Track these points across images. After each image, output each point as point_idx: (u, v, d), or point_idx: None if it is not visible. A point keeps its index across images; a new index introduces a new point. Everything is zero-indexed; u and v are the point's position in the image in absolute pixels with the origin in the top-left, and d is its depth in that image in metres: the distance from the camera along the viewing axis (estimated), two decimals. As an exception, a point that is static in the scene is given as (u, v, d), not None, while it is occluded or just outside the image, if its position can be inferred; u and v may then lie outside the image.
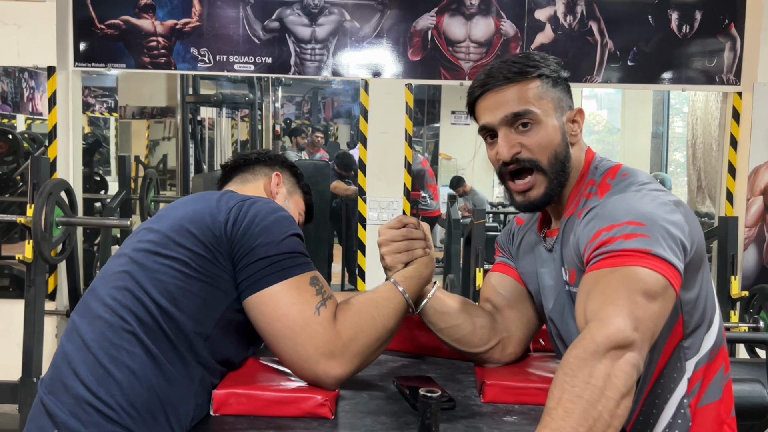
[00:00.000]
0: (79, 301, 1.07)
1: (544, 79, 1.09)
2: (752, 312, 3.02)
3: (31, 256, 2.82)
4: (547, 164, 1.07)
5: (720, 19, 3.24)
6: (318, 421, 0.97)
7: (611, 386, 0.75)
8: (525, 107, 1.07)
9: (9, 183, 3.71)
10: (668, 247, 0.89)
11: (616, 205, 0.96)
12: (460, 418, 1.01)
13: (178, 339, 0.96)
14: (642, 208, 0.94)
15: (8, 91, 3.41)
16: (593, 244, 0.93)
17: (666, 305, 0.87)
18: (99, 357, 0.94)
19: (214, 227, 1.01)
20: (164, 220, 1.06)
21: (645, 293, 0.85)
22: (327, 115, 7.72)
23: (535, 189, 1.08)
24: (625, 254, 0.88)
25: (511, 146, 1.07)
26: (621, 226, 0.91)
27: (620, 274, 0.87)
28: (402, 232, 1.14)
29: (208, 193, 1.12)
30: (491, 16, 3.26)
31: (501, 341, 1.18)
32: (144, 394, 0.92)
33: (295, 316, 0.98)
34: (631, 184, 1.03)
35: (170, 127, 5.98)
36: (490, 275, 1.27)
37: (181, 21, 3.25)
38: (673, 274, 0.88)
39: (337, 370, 0.98)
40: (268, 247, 1.00)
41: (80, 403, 0.92)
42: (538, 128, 1.07)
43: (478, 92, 1.11)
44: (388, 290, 1.10)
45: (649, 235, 0.89)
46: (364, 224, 3.34)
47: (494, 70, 1.10)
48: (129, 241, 1.10)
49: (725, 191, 3.31)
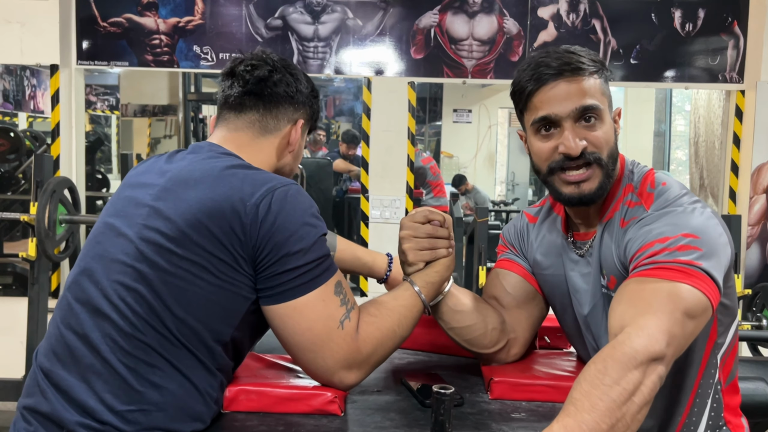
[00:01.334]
0: (72, 276, 0.99)
1: (603, 75, 1.08)
2: (755, 310, 3.02)
3: (34, 253, 2.82)
4: (606, 160, 1.06)
5: (723, 18, 3.24)
6: (327, 418, 0.97)
7: (639, 393, 0.79)
8: (595, 101, 1.05)
9: (11, 181, 3.71)
10: (716, 264, 0.93)
11: (670, 220, 0.98)
12: (468, 415, 1.01)
13: (198, 350, 0.93)
14: (696, 223, 0.97)
15: (10, 90, 3.40)
16: (645, 253, 0.95)
17: (701, 325, 0.91)
18: (114, 364, 0.90)
19: (237, 228, 0.92)
20: (174, 201, 0.96)
21: (686, 312, 0.88)
22: (329, 113, 7.72)
23: (591, 182, 1.06)
24: (676, 268, 0.91)
25: (580, 139, 1.04)
26: (676, 238, 0.94)
27: (667, 287, 0.89)
28: (427, 229, 1.10)
29: (221, 170, 0.98)
30: (494, 14, 3.26)
31: (508, 342, 1.18)
32: (163, 408, 0.90)
33: (319, 330, 0.95)
34: (677, 197, 1.04)
35: (172, 125, 5.97)
36: (496, 272, 1.25)
37: (184, 19, 3.25)
38: (714, 294, 0.91)
39: (353, 378, 0.99)
40: (296, 256, 0.93)
41: (90, 413, 0.89)
42: (600, 124, 1.06)
43: (548, 78, 1.04)
44: (410, 298, 1.07)
45: (703, 249, 0.92)
46: (367, 222, 3.34)
47: (565, 57, 1.04)
48: (126, 211, 0.99)
49: (728, 189, 3.32)
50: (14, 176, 3.71)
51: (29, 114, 3.86)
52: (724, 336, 1.08)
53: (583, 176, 1.05)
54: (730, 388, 1.11)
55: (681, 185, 1.08)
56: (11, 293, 3.32)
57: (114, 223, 1.00)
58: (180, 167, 1.02)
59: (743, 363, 2.01)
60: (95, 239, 1.01)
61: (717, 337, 1.07)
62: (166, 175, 1.01)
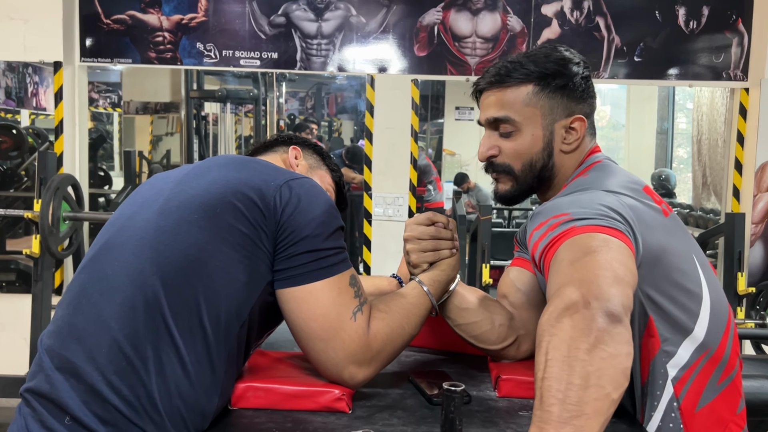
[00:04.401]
0: (89, 257, 0.96)
1: (540, 85, 1.09)
2: (759, 309, 3.02)
3: (38, 250, 2.83)
4: (519, 171, 1.12)
5: (727, 15, 3.23)
6: (335, 415, 0.97)
7: (576, 348, 0.70)
8: (505, 113, 1.10)
9: (14, 178, 3.71)
10: (595, 216, 0.88)
11: (546, 207, 0.98)
12: (476, 412, 1.01)
13: (215, 333, 0.90)
14: (566, 201, 0.96)
15: (12, 87, 3.40)
16: (531, 251, 0.96)
17: (614, 251, 0.82)
18: (123, 346, 0.86)
19: (261, 205, 0.93)
20: (197, 180, 0.97)
21: (580, 255, 0.81)
22: (330, 111, 7.71)
23: (501, 184, 1.15)
24: (554, 241, 0.88)
25: (488, 148, 1.13)
26: (546, 222, 0.93)
27: (556, 259, 0.85)
28: (430, 230, 1.12)
29: (245, 159, 1.04)
30: (498, 11, 3.25)
31: (517, 339, 1.17)
32: (169, 397, 0.86)
33: (332, 318, 0.94)
34: (583, 189, 1.04)
35: (174, 122, 5.96)
36: (509, 270, 1.26)
37: (188, 16, 3.25)
38: (606, 230, 0.85)
39: (362, 375, 0.99)
40: (317, 239, 0.94)
41: (95, 394, 0.85)
42: (517, 135, 1.11)
43: (479, 86, 1.15)
44: (418, 296, 1.08)
45: (572, 216, 0.90)
46: (370, 220, 3.34)
47: (500, 67, 1.12)
48: (145, 199, 0.99)
49: (732, 188, 3.31)
50: (17, 173, 3.71)
51: (32, 111, 3.86)
52: (672, 345, 1.01)
53: (495, 177, 1.15)
54: (703, 414, 1.02)
55: (619, 180, 1.05)
56: (15, 290, 3.32)
57: (132, 209, 1.00)
58: (201, 162, 1.06)
59: (747, 362, 2.01)
60: (111, 224, 1.01)
61: (661, 342, 1.01)
62: (185, 169, 1.04)
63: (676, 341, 1.01)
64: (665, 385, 1.01)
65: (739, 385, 1.07)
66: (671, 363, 1.01)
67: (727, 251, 3.03)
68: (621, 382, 0.69)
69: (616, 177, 1.07)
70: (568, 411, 0.66)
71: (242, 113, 6.31)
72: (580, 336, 0.70)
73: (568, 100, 1.11)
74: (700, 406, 1.02)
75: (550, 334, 0.72)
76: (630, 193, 1.02)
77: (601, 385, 0.67)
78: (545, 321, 0.74)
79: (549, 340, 0.72)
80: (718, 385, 1.03)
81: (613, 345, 0.70)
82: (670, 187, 5.37)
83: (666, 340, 1.01)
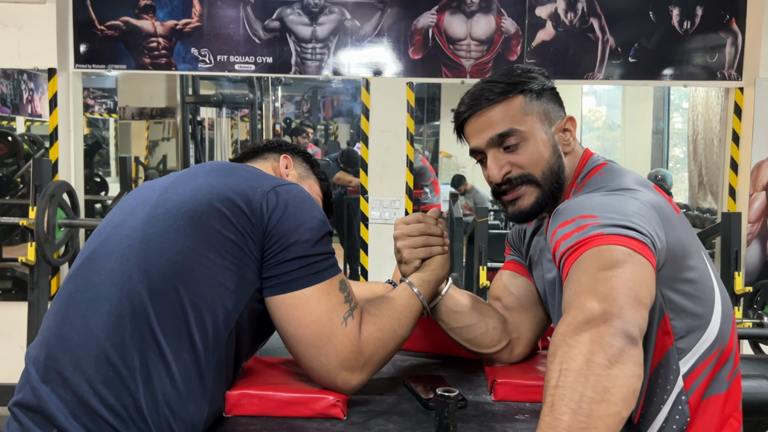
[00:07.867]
0: (76, 267, 0.95)
1: (527, 94, 1.10)
2: (756, 308, 3.02)
3: (33, 258, 2.82)
4: (541, 177, 1.09)
5: (721, 15, 3.24)
6: (330, 422, 0.96)
7: (593, 362, 0.70)
8: (509, 126, 1.08)
9: (9, 185, 3.70)
10: (622, 226, 0.87)
11: (571, 204, 0.96)
12: (472, 416, 1.01)
13: (202, 340, 0.88)
14: (593, 203, 0.94)
15: (7, 94, 3.39)
16: (553, 248, 0.93)
17: (638, 269, 0.82)
18: (110, 355, 0.85)
19: (247, 211, 0.93)
20: (184, 186, 0.97)
21: (604, 267, 0.81)
22: (326, 115, 7.71)
23: (526, 198, 1.10)
24: (579, 245, 0.86)
25: (500, 167, 1.09)
26: (573, 222, 0.90)
27: (579, 265, 0.84)
28: (419, 227, 1.12)
29: (229, 165, 1.03)
30: (492, 13, 3.25)
31: (510, 342, 1.17)
32: (156, 407, 0.85)
33: (323, 325, 0.94)
34: (601, 187, 1.03)
35: (170, 127, 5.96)
36: (501, 273, 1.26)
37: (182, 21, 3.24)
38: (632, 242, 0.85)
39: (355, 381, 0.98)
40: (305, 245, 0.93)
41: (83, 405, 0.83)
42: (526, 145, 1.09)
43: (463, 116, 1.12)
44: (408, 297, 1.08)
45: (602, 221, 0.88)
46: (367, 223, 3.34)
47: (477, 92, 1.11)
48: (132, 207, 0.98)
49: (728, 187, 3.31)
50: (12, 180, 3.71)
51: (27, 118, 3.85)
52: (687, 341, 1.02)
53: (516, 195, 1.10)
54: (710, 403, 1.04)
55: (632, 179, 1.04)
56: (11, 298, 3.31)
57: (119, 217, 0.99)
58: (188, 169, 1.05)
59: (745, 361, 2.01)
60: (98, 233, 1.00)
61: (674, 339, 1.01)
62: (172, 176, 1.03)
63: (691, 338, 1.02)
64: (676, 380, 1.02)
65: (740, 381, 1.09)
66: (684, 359, 1.02)
67: (724, 251, 3.04)
68: (631, 402, 0.70)
69: (631, 175, 1.07)
70: (578, 422, 0.66)
71: (238, 117, 6.31)
72: (599, 351, 0.70)
73: (553, 103, 1.13)
74: (707, 398, 1.03)
75: (568, 345, 0.72)
76: (651, 191, 1.02)
77: (614, 402, 0.68)
78: (563, 331, 0.75)
79: (566, 350, 0.72)
80: (726, 380, 1.05)
81: (629, 365, 0.71)
82: (666, 187, 5.38)
83: (680, 336, 1.02)
